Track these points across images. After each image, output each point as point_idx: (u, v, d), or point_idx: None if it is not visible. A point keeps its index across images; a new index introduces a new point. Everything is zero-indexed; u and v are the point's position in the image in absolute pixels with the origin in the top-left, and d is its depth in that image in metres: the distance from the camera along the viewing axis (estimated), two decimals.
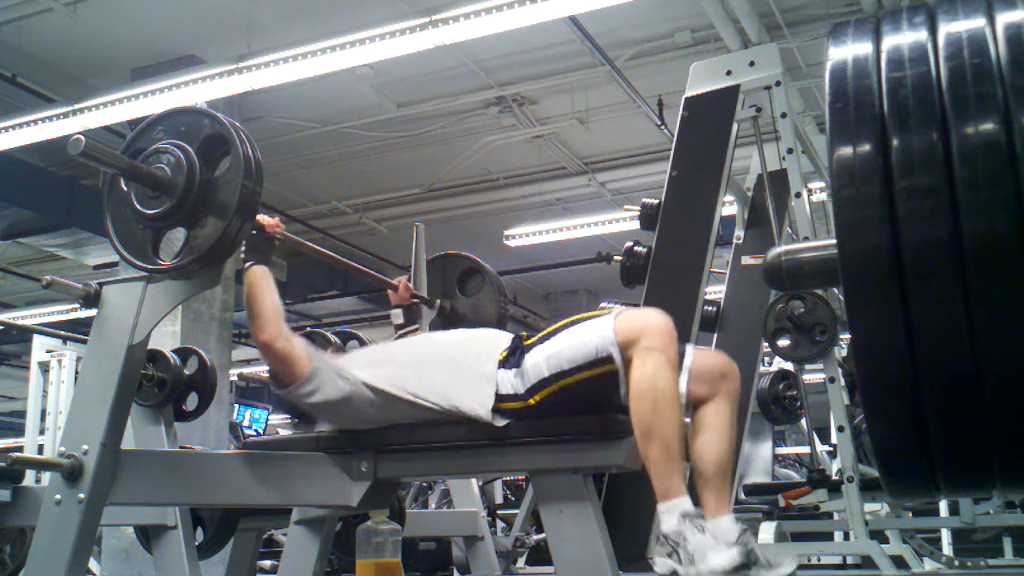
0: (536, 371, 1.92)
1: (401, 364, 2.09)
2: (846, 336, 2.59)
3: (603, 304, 3.48)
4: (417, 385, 2.02)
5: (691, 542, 1.70)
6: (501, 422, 1.94)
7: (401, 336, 2.64)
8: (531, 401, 1.92)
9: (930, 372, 1.21)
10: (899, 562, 3.28)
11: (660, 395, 1.77)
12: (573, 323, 1.98)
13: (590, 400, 1.91)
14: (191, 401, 3.29)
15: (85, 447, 2.07)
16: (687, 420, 1.99)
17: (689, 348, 1.96)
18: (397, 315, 2.68)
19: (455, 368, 2.02)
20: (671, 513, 1.75)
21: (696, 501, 1.82)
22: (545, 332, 2.00)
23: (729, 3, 5.41)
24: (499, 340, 2.07)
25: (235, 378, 12.32)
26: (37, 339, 6.01)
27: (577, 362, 1.88)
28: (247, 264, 2.13)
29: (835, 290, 3.05)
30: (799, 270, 1.49)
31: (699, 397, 1.97)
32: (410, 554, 4.44)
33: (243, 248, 2.12)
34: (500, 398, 1.94)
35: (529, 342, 2.00)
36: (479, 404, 1.95)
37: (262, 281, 2.10)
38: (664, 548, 1.74)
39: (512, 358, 1.97)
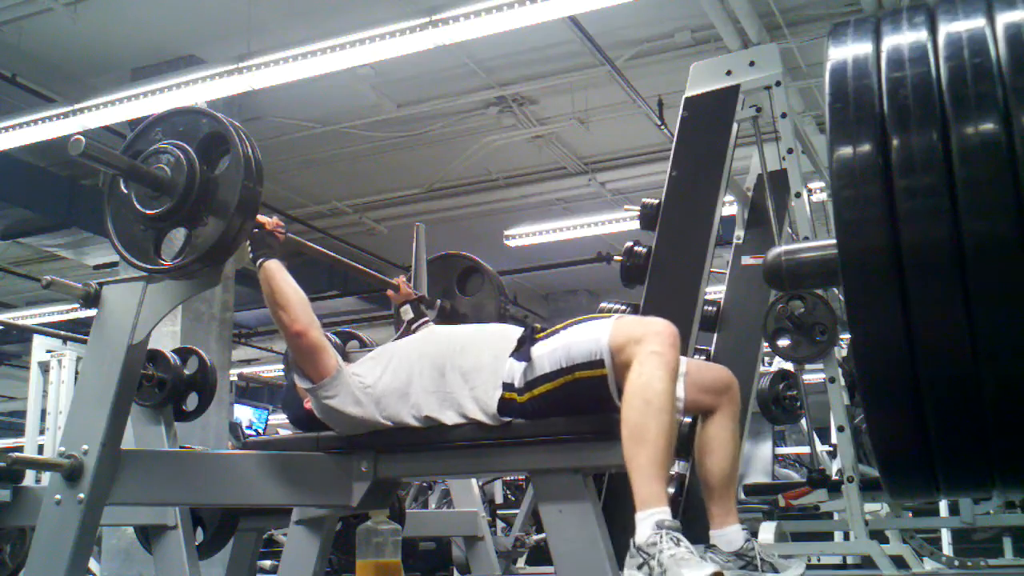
0: (540, 364, 1.92)
1: (411, 380, 2.06)
2: (846, 336, 2.58)
3: (603, 305, 3.47)
4: (426, 404, 2.02)
5: (665, 554, 1.58)
6: (502, 417, 1.93)
7: (411, 330, 2.63)
8: (524, 398, 1.92)
9: (930, 372, 1.21)
10: (899, 562, 3.28)
11: (654, 397, 1.72)
12: (578, 322, 1.98)
13: (585, 401, 1.90)
14: (191, 401, 3.29)
15: (85, 447, 2.07)
16: (686, 420, 1.99)
17: (682, 358, 1.94)
18: (407, 310, 2.68)
19: (464, 379, 2.01)
20: (647, 522, 1.65)
21: (674, 513, 1.76)
22: (553, 329, 2.01)
23: (729, 3, 5.40)
24: (509, 334, 2.06)
25: (235, 378, 12.32)
26: (37, 339, 6.00)
27: (575, 360, 1.88)
28: (259, 261, 2.09)
29: (835, 290, 3.04)
30: (799, 270, 1.50)
31: (703, 407, 1.99)
32: (410, 554, 4.44)
33: (250, 248, 2.11)
34: (505, 387, 1.95)
35: (539, 336, 2.00)
36: (484, 406, 1.96)
37: (279, 274, 2.07)
38: (635, 560, 1.63)
39: (523, 349, 1.97)
